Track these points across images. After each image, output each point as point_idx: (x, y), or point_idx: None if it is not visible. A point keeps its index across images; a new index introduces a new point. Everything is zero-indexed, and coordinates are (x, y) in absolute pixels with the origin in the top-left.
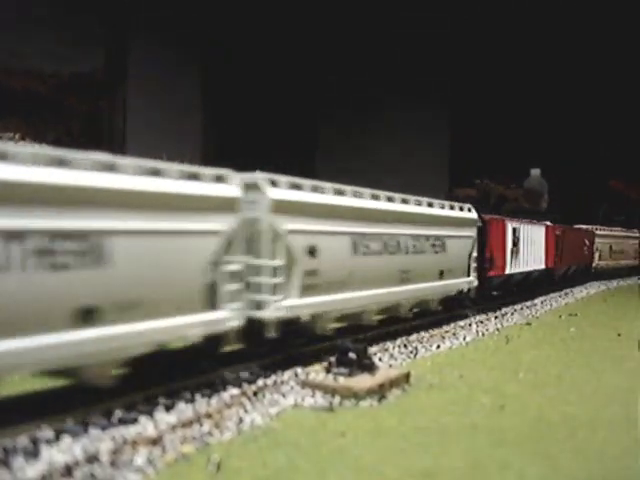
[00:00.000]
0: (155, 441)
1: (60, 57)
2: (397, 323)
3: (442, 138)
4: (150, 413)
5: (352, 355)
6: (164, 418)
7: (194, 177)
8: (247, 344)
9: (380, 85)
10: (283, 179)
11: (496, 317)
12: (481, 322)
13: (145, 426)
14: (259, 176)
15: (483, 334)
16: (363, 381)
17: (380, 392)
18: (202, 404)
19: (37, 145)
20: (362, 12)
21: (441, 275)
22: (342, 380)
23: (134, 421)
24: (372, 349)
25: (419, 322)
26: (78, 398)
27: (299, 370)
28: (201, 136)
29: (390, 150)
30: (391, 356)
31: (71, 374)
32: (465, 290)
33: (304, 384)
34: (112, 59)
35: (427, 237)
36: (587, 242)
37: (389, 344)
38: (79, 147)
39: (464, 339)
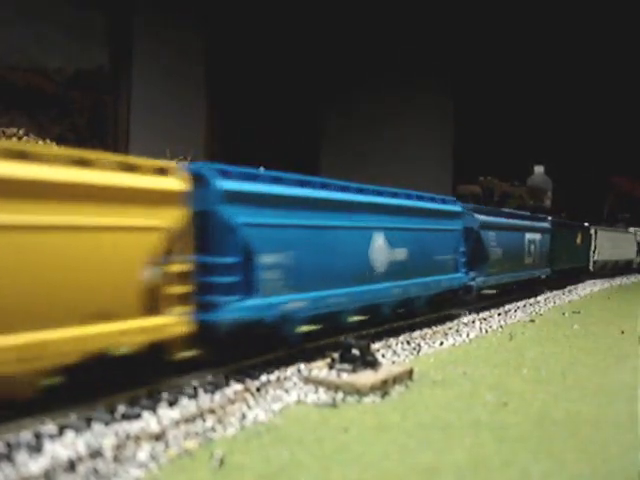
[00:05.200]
0: (158, 436)
1: (65, 53)
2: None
3: (446, 135)
4: (153, 408)
5: (355, 351)
6: (167, 413)
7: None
8: None
9: (383, 82)
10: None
11: (499, 314)
12: (484, 319)
13: (148, 421)
14: None
15: (486, 331)
16: (366, 377)
17: (383, 388)
18: (205, 400)
19: (41, 141)
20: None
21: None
22: (345, 376)
23: (137, 416)
24: (375, 345)
25: (421, 319)
26: (81, 393)
27: (302, 366)
28: (206, 131)
29: (394, 149)
30: (394, 352)
31: None
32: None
33: (307, 380)
34: (116, 54)
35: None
36: None
37: (392, 341)
38: (84, 143)
39: (467, 336)
